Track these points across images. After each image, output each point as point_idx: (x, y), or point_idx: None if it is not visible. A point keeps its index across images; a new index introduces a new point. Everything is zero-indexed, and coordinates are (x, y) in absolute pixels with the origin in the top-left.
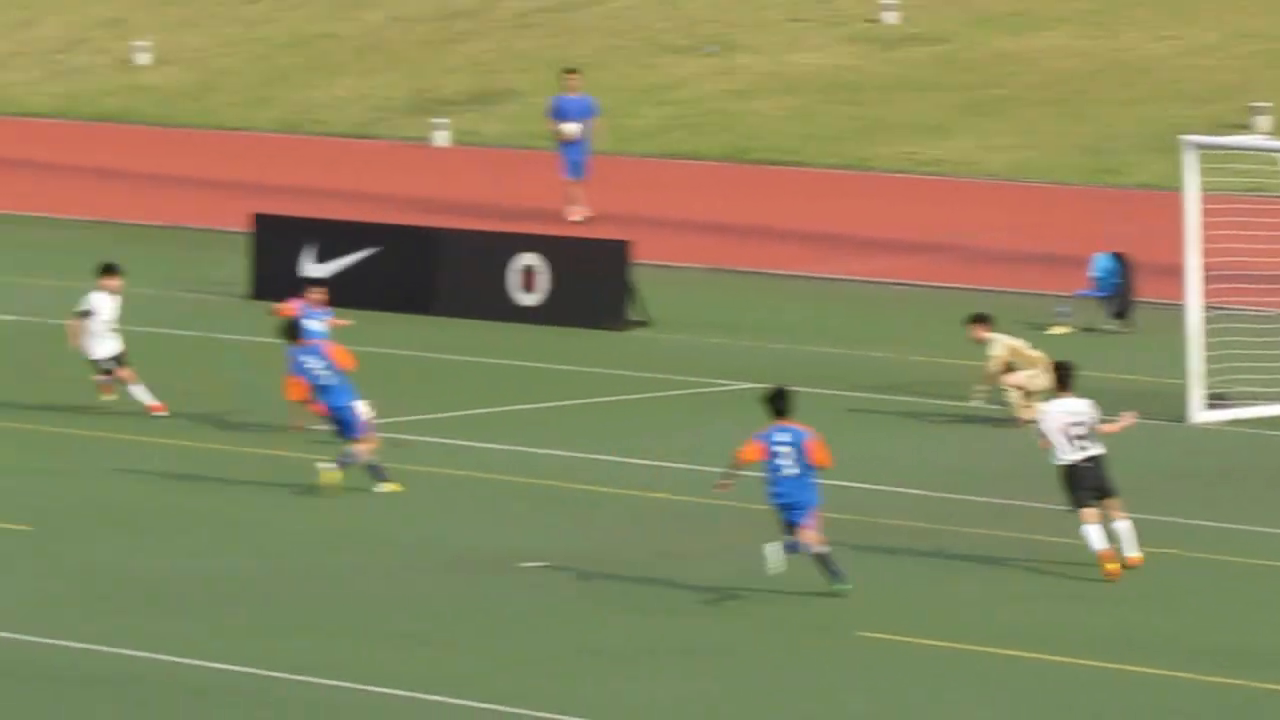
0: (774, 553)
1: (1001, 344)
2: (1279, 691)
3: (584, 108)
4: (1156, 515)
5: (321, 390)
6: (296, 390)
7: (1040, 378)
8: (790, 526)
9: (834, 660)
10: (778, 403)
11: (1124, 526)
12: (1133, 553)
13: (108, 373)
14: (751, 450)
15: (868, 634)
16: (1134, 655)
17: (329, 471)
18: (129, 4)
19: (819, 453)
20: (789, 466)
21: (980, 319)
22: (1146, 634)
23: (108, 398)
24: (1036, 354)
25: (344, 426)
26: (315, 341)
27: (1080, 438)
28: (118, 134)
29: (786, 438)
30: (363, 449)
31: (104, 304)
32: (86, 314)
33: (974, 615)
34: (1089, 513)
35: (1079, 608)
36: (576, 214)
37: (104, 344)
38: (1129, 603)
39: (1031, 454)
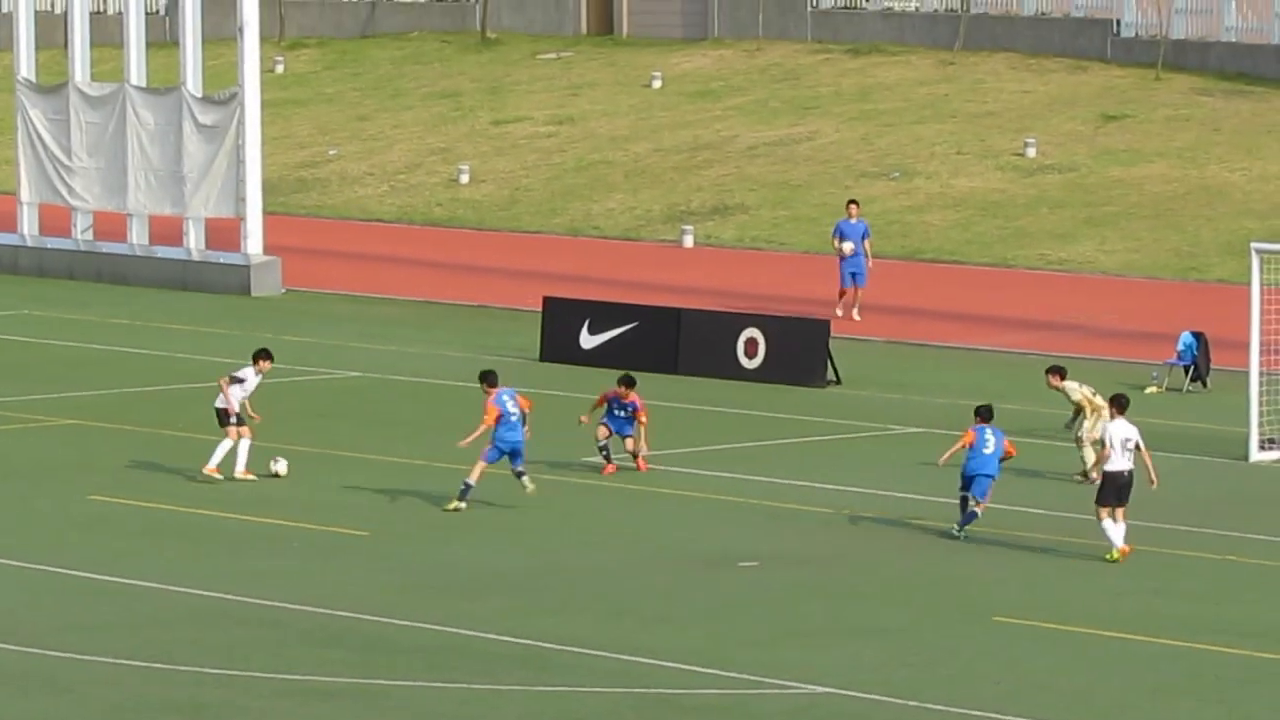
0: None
1: (1079, 389)
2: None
3: (860, 230)
4: (1221, 530)
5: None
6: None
7: (1099, 427)
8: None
9: (974, 638)
10: (985, 413)
11: (1123, 527)
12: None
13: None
14: (969, 437)
15: (1002, 619)
16: (1219, 638)
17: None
18: (455, 137)
19: (1011, 447)
20: (991, 449)
21: (1056, 370)
22: (1224, 621)
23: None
24: (1100, 401)
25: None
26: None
27: (1129, 452)
28: (443, 236)
29: (990, 433)
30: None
31: (252, 378)
32: (239, 381)
33: (1089, 605)
34: (1111, 511)
35: (1158, 600)
36: (856, 314)
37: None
38: (1202, 597)
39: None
